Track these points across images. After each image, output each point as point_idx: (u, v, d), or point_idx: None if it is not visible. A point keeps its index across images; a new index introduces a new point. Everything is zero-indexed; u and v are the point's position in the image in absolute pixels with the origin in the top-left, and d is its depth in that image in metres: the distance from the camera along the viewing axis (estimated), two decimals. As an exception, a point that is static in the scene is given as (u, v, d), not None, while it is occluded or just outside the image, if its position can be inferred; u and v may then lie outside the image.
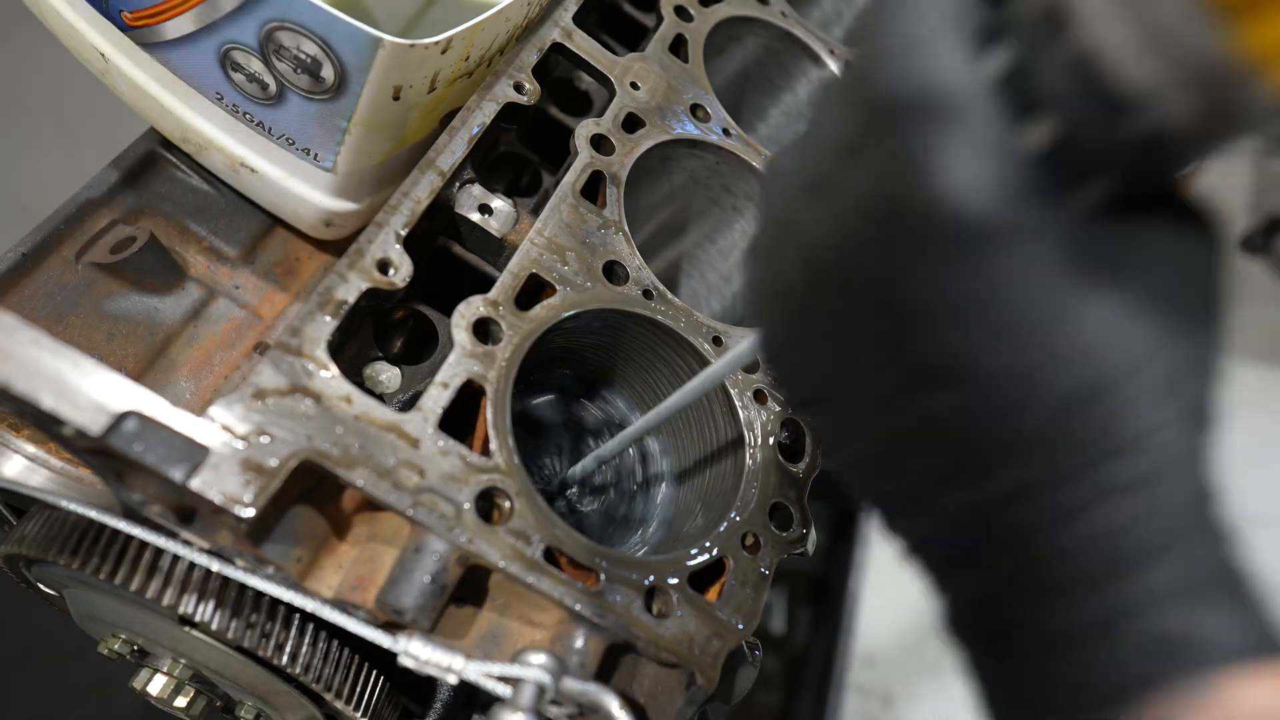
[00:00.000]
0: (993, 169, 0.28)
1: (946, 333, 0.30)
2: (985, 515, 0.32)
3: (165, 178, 0.77)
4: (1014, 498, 0.31)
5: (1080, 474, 0.30)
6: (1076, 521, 0.30)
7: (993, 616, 0.34)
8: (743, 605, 0.58)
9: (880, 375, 0.33)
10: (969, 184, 0.28)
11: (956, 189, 0.28)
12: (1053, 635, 0.31)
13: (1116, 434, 0.30)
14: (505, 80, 0.70)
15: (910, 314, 0.31)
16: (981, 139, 0.28)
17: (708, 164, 0.81)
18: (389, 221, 0.60)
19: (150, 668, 0.66)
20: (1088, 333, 0.29)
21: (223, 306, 0.74)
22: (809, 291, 0.35)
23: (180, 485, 0.46)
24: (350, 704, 0.60)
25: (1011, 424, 0.30)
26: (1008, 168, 0.28)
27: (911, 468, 0.34)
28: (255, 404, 0.49)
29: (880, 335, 0.33)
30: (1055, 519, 0.31)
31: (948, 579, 0.36)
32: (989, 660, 0.35)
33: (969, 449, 0.32)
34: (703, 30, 0.85)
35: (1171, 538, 0.30)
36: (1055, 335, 0.29)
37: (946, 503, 0.34)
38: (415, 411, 0.54)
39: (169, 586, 0.56)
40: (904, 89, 0.29)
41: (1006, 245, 0.28)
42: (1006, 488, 0.31)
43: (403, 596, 0.50)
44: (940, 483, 0.33)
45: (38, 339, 0.45)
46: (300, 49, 0.59)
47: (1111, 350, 0.29)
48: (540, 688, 0.49)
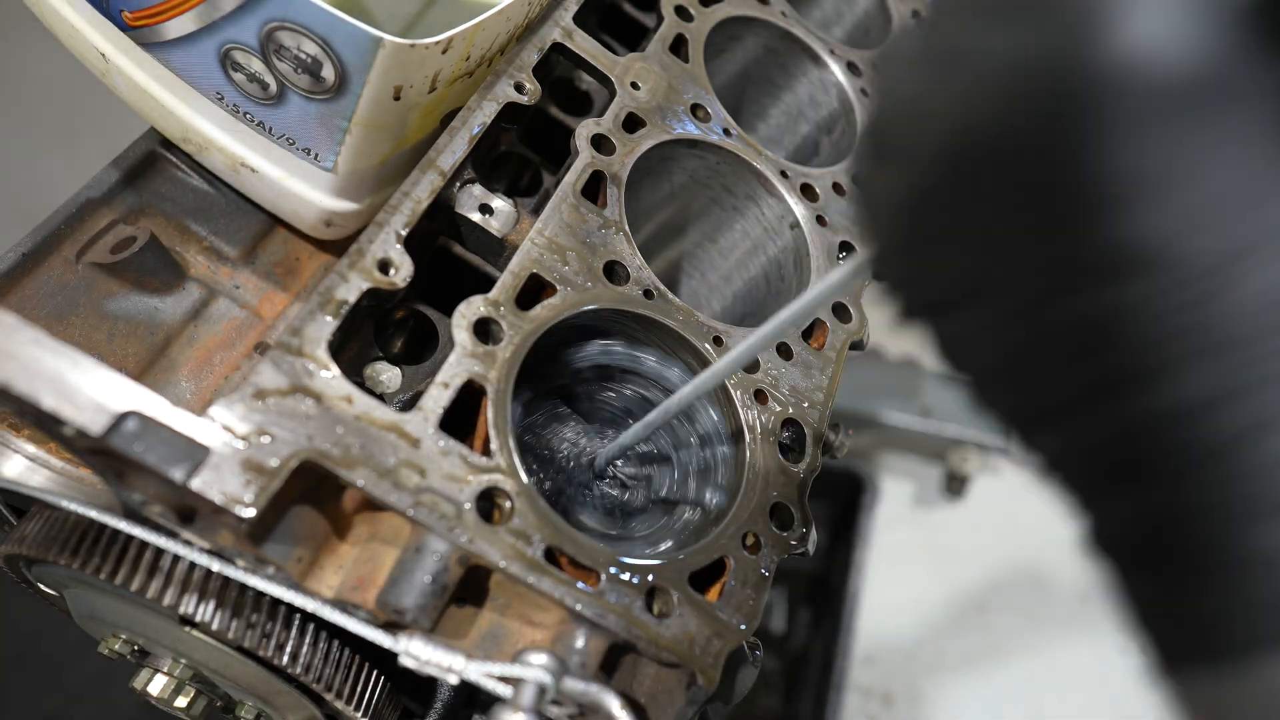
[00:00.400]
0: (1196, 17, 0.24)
1: (1138, 213, 0.26)
2: (1167, 424, 0.28)
3: (166, 178, 0.77)
4: (1205, 407, 0.27)
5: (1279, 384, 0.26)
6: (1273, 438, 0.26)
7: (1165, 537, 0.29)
8: (743, 605, 0.58)
9: (1049, 266, 0.29)
10: (1161, 34, 0.24)
11: (1145, 39, 0.24)
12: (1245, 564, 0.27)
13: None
14: (506, 80, 0.70)
15: (1090, 194, 0.26)
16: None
17: (708, 164, 0.81)
18: (389, 221, 0.60)
19: (151, 668, 0.66)
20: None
21: (223, 306, 0.74)
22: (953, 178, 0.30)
23: (181, 485, 0.46)
24: (351, 704, 0.60)
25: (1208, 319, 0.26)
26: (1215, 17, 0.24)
27: (1077, 371, 0.29)
28: (256, 404, 0.49)
29: (1047, 221, 0.28)
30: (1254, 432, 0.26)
31: (1104, 495, 0.31)
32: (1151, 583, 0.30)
33: (1154, 348, 0.27)
34: (703, 30, 0.85)
35: None
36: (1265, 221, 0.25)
37: (1115, 412, 0.29)
38: (416, 411, 0.54)
39: (169, 586, 0.56)
40: None
41: (1210, 111, 0.24)
42: (1197, 395, 0.27)
43: (403, 596, 0.50)
44: (1110, 389, 0.29)
45: (38, 339, 0.45)
46: (301, 49, 0.59)
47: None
48: (541, 688, 0.49)
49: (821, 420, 0.70)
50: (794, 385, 0.70)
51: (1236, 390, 0.26)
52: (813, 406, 0.70)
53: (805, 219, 0.80)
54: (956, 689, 1.73)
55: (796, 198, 0.81)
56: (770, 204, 0.82)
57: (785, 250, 0.83)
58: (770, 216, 0.83)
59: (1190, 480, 0.28)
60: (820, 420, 0.69)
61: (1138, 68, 0.24)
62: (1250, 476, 0.27)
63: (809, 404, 0.70)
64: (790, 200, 0.81)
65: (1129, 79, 0.24)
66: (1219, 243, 0.25)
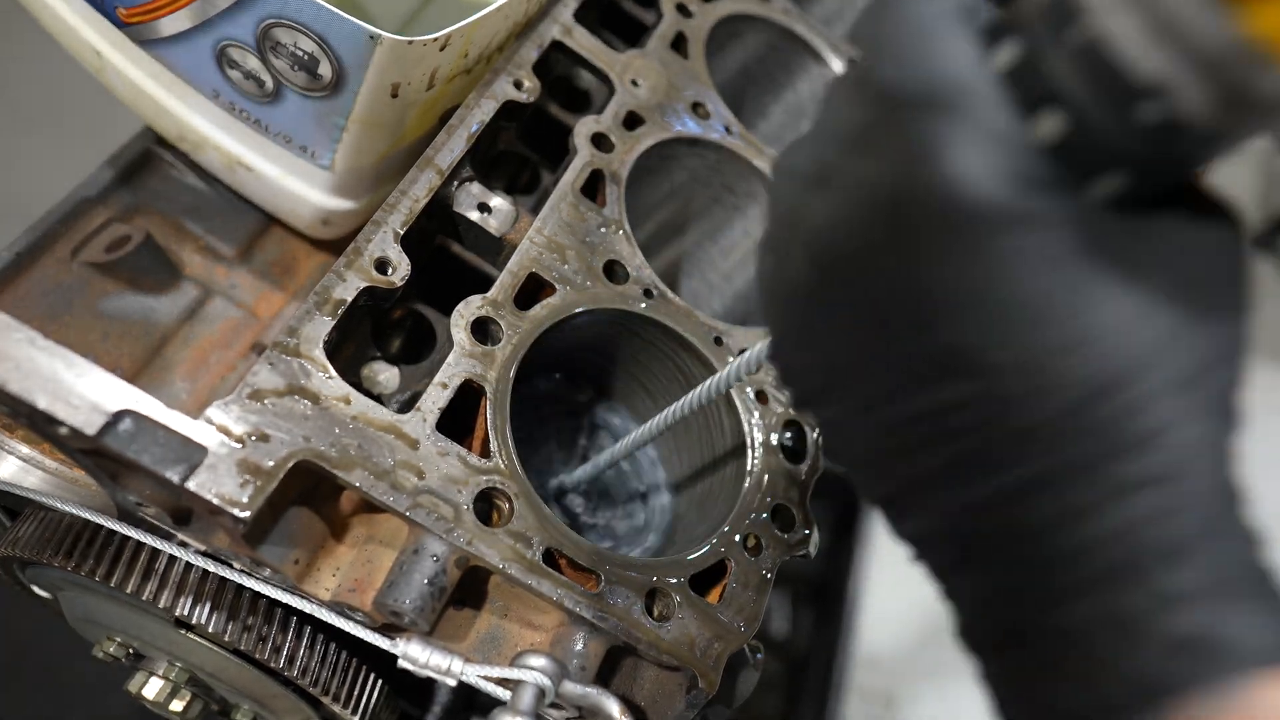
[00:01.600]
0: (1003, 157, 0.28)
1: (958, 322, 0.29)
2: (997, 512, 0.31)
3: (161, 176, 0.76)
4: (1027, 493, 0.30)
5: (1097, 469, 0.29)
6: (1093, 518, 0.29)
7: (1005, 619, 0.33)
8: (744, 607, 0.58)
9: (889, 368, 0.33)
10: (979, 171, 0.27)
11: (967, 176, 0.27)
12: (1069, 637, 0.30)
13: (1135, 428, 0.28)
14: (504, 78, 0.70)
15: (920, 304, 0.30)
16: (991, 129, 0.28)
17: (709, 162, 0.81)
18: (387, 220, 0.59)
19: (146, 671, 0.66)
20: (1104, 322, 0.28)
21: (219, 306, 0.73)
22: (817, 284, 0.34)
23: (176, 486, 0.45)
24: (348, 707, 0.59)
25: (1025, 416, 0.29)
26: (1018, 157, 0.28)
27: (920, 463, 0.33)
28: (252, 404, 0.49)
29: (889, 327, 0.32)
30: (1071, 515, 0.29)
31: (957, 580, 0.35)
32: (1001, 666, 0.34)
33: (980, 443, 0.31)
34: (704, 27, 0.85)
35: (1194, 536, 0.29)
36: (1070, 324, 0.28)
37: (956, 499, 0.32)
38: (414, 412, 0.54)
39: (165, 589, 0.55)
40: (913, 81, 0.29)
41: (1019, 231, 0.28)
42: (1019, 483, 0.30)
43: (401, 598, 0.49)
44: (950, 478, 0.32)
45: (32, 338, 0.45)
46: (297, 46, 0.58)
47: (1129, 341, 0.28)
48: (540, 690, 0.49)
49: (823, 420, 0.69)
50: (795, 385, 0.69)
51: (1047, 480, 0.30)
52: (814, 407, 0.69)
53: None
54: (958, 690, 1.72)
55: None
56: (771, 203, 0.82)
57: (786, 249, 0.82)
58: (771, 215, 0.82)
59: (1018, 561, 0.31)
60: (822, 420, 0.69)
61: (956, 196, 0.28)
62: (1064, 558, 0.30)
63: (810, 404, 0.69)
64: (791, 199, 0.80)
65: (952, 206, 0.28)
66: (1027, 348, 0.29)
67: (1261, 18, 0.23)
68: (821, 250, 0.33)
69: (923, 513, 0.35)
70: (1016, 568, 0.31)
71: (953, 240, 0.28)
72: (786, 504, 0.63)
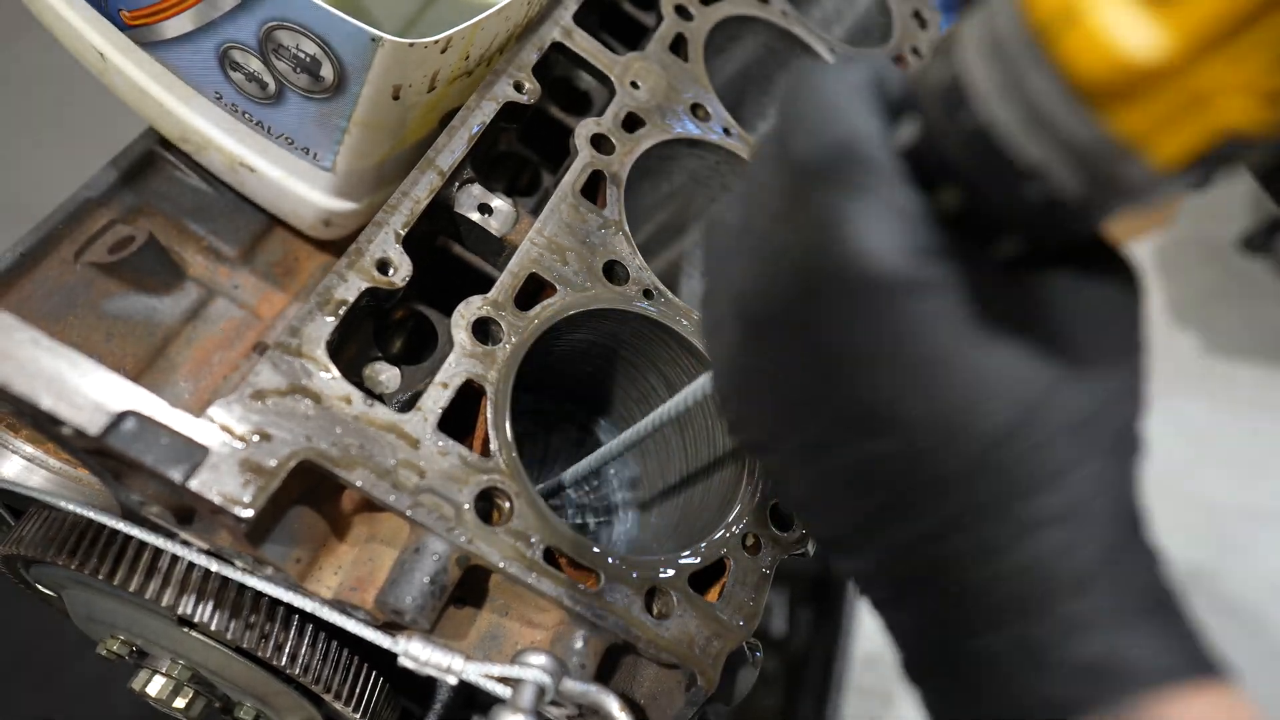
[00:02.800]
0: (901, 231, 0.30)
1: (865, 381, 0.32)
2: (920, 552, 0.34)
3: (164, 177, 0.77)
4: (941, 535, 0.33)
5: (1001, 511, 0.31)
6: (1002, 555, 0.31)
7: (934, 650, 0.35)
8: (743, 606, 0.58)
9: (811, 422, 0.35)
10: (882, 243, 0.30)
11: (870, 248, 0.30)
12: (987, 665, 0.33)
13: (1032, 472, 0.31)
14: (505, 79, 0.70)
15: (832, 363, 0.33)
16: (893, 202, 0.30)
17: (708, 163, 0.81)
18: (388, 221, 0.59)
19: (149, 668, 0.66)
20: (994, 377, 0.30)
21: (221, 306, 0.74)
22: (743, 341, 0.37)
23: (179, 485, 0.45)
24: (349, 705, 0.60)
25: (932, 466, 0.32)
26: (915, 230, 0.30)
27: (848, 509, 0.36)
28: (254, 404, 0.49)
29: (807, 384, 0.34)
30: (981, 553, 0.32)
31: (893, 615, 0.37)
32: (934, 693, 0.36)
33: (896, 490, 0.33)
34: (703, 29, 0.85)
35: (1096, 566, 0.31)
36: (968, 379, 0.30)
37: (883, 541, 0.35)
38: (415, 412, 0.54)
39: (168, 587, 0.55)
40: (822, 154, 0.31)
41: (918, 297, 0.30)
42: (934, 526, 0.33)
43: (402, 597, 0.50)
44: (875, 522, 0.35)
45: (36, 339, 0.45)
46: (299, 48, 0.59)
47: (1018, 392, 0.30)
48: (540, 688, 0.49)
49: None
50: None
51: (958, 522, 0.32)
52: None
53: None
54: (957, 689, 1.72)
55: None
56: (770, 204, 0.82)
57: (785, 250, 0.83)
58: (770, 216, 0.82)
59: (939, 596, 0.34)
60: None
61: (858, 267, 0.30)
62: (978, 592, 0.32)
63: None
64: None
65: (855, 275, 0.30)
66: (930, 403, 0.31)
67: (1122, 119, 0.25)
68: (746, 309, 0.36)
69: (859, 553, 0.37)
70: (940, 602, 0.34)
71: (859, 306, 0.31)
72: (785, 503, 0.64)
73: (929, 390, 0.31)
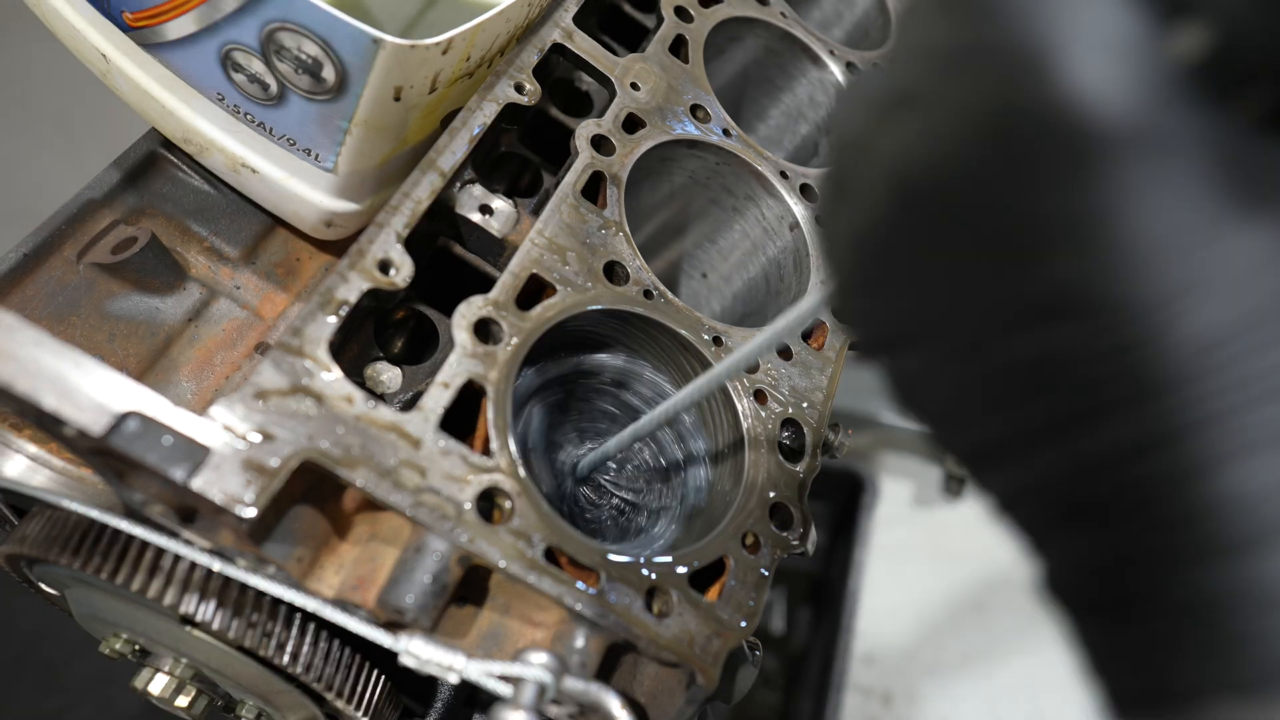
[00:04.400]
0: (1132, 70, 0.24)
1: (1076, 257, 0.26)
2: (1108, 467, 0.28)
3: (166, 178, 0.77)
4: (1144, 447, 0.27)
5: (1223, 421, 0.26)
6: (1220, 476, 0.26)
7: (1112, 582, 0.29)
8: (743, 605, 0.58)
9: (989, 309, 0.29)
10: (1103, 84, 0.24)
11: (1090, 90, 0.24)
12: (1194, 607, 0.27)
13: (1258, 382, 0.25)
14: (506, 81, 0.70)
15: (1028, 235, 0.27)
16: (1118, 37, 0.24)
17: (708, 164, 0.81)
18: (390, 222, 0.60)
19: (152, 667, 0.66)
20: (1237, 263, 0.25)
21: (224, 307, 0.74)
22: (900, 220, 0.31)
23: (182, 485, 0.46)
24: (351, 703, 0.60)
25: (1137, 364, 0.26)
26: (1150, 69, 0.24)
27: (1019, 412, 0.30)
28: (256, 404, 0.50)
29: (992, 263, 0.28)
30: (1194, 472, 0.26)
31: (1053, 538, 0.31)
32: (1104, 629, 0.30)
33: (1092, 390, 0.28)
34: (703, 31, 0.85)
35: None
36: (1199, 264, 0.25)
37: (1060, 452, 0.29)
38: (416, 411, 0.54)
39: (170, 586, 0.56)
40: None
41: (1147, 156, 0.25)
42: (1136, 435, 0.27)
43: (404, 596, 0.50)
44: (1054, 429, 0.29)
45: (39, 339, 0.45)
46: (301, 50, 0.59)
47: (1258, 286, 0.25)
48: (541, 687, 0.49)
49: (821, 420, 0.70)
50: (794, 385, 0.70)
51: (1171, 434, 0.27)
52: (812, 407, 0.70)
53: (805, 220, 0.80)
54: (956, 688, 1.73)
55: (796, 198, 0.81)
56: (770, 205, 0.82)
57: (785, 251, 0.83)
58: (770, 217, 0.83)
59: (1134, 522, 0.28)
60: (820, 420, 0.70)
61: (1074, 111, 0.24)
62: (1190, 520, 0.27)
63: (809, 404, 0.70)
64: (790, 201, 0.81)
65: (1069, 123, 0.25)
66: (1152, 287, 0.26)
67: None
68: (906, 181, 0.30)
69: (1021, 467, 0.31)
70: (1133, 529, 0.28)
71: (1073, 163, 0.25)
72: (785, 502, 0.64)
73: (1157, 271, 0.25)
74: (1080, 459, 0.29)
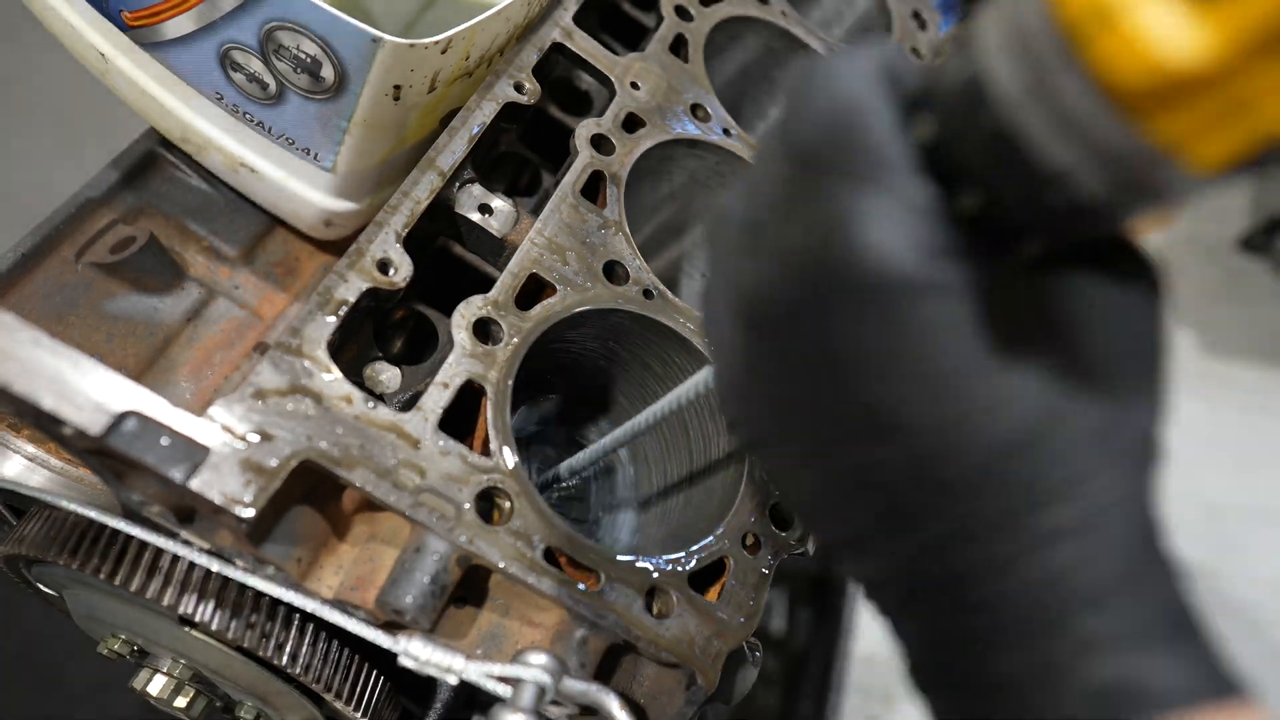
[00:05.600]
0: (914, 229, 0.28)
1: (871, 385, 0.31)
2: (925, 562, 0.33)
3: (165, 177, 0.77)
4: (948, 546, 0.31)
5: (1010, 523, 0.30)
6: (1011, 570, 0.30)
7: (941, 662, 0.34)
8: (743, 605, 0.58)
9: (813, 424, 0.34)
10: (895, 243, 0.28)
11: (882, 247, 0.28)
12: (996, 683, 0.31)
13: (1044, 484, 0.30)
14: (505, 80, 0.70)
15: (837, 366, 0.31)
16: (907, 200, 0.28)
17: (708, 164, 0.81)
18: (389, 221, 0.60)
19: (150, 668, 0.66)
20: (1007, 388, 0.29)
21: (222, 306, 0.74)
22: (745, 339, 0.35)
23: (180, 485, 0.46)
24: (350, 704, 0.60)
25: (938, 474, 0.30)
26: (930, 229, 0.28)
27: (852, 514, 0.35)
28: (255, 404, 0.49)
29: (811, 386, 0.33)
30: (990, 568, 0.31)
31: (899, 622, 0.36)
32: (944, 707, 0.35)
33: (901, 497, 0.32)
34: (703, 30, 0.85)
35: (1113, 582, 0.30)
36: (974, 390, 0.29)
37: (888, 549, 0.34)
38: (415, 412, 0.54)
39: (169, 587, 0.56)
40: (833, 147, 0.29)
41: (927, 301, 0.29)
42: (939, 536, 0.32)
43: (403, 597, 0.50)
44: (879, 528, 0.34)
45: (37, 339, 0.45)
46: (300, 49, 0.59)
47: (1032, 404, 0.29)
48: (540, 688, 0.49)
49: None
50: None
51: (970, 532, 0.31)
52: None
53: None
54: (956, 689, 1.72)
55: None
56: (770, 204, 0.82)
57: (785, 250, 0.83)
58: (770, 216, 0.83)
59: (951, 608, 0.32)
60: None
61: (868, 266, 0.28)
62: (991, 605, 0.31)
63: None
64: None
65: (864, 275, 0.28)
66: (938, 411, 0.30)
67: (1159, 125, 0.24)
68: (749, 310, 0.34)
69: (863, 559, 0.36)
70: (949, 615, 0.33)
71: (868, 308, 0.29)
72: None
73: (938, 398, 0.29)
74: (905, 554, 0.33)
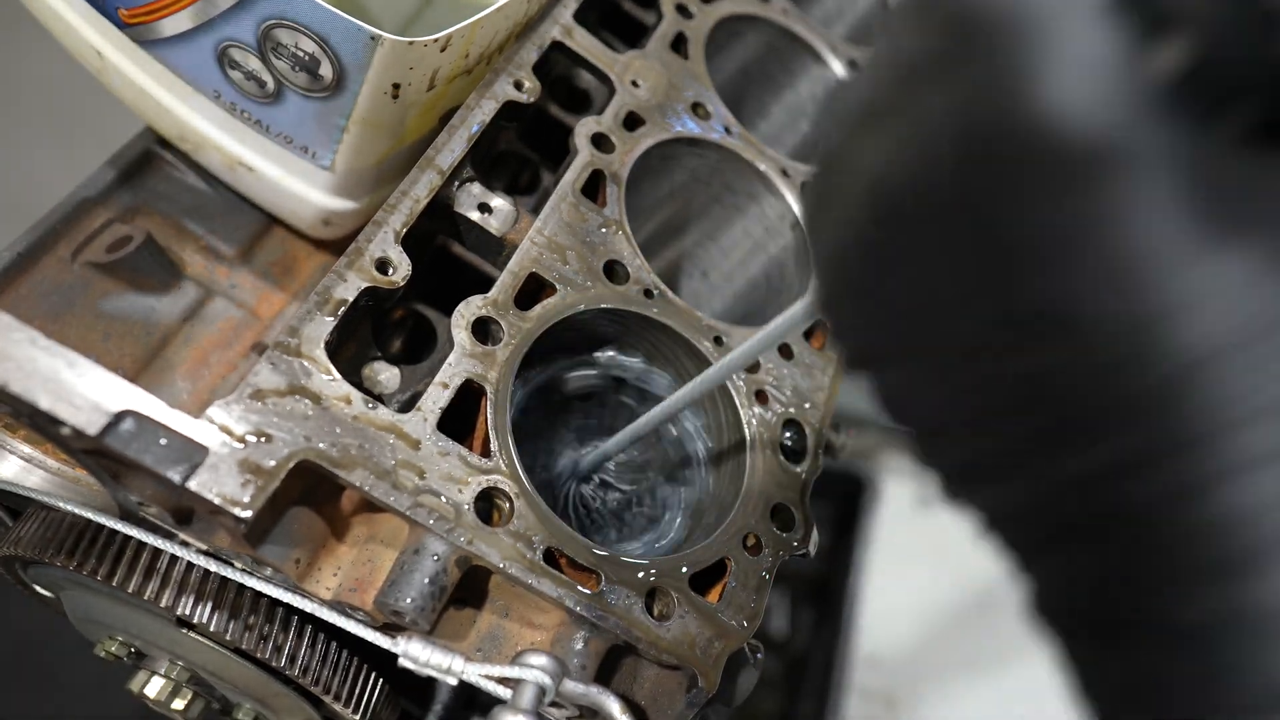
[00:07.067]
0: (1109, 88, 0.24)
1: (1050, 274, 0.26)
2: (1093, 487, 0.28)
3: (162, 176, 0.76)
4: (1129, 468, 0.27)
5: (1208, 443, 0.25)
6: (1206, 498, 0.26)
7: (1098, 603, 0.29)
8: (744, 607, 0.58)
9: (971, 325, 0.29)
10: (1080, 102, 0.24)
11: (1067, 107, 0.24)
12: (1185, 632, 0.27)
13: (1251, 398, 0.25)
14: (505, 78, 0.70)
15: (1006, 252, 0.27)
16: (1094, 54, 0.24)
17: (709, 162, 0.81)
18: (388, 220, 0.59)
19: (148, 670, 0.66)
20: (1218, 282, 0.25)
21: (220, 306, 0.74)
22: (880, 233, 0.30)
23: (178, 486, 0.45)
24: (348, 706, 0.59)
25: (1125, 382, 0.26)
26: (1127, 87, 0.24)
27: (1002, 431, 0.29)
28: (253, 404, 0.49)
29: (969, 277, 0.28)
30: (1179, 494, 0.26)
31: (1039, 558, 0.31)
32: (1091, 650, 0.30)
33: (1075, 410, 0.27)
34: (704, 27, 0.85)
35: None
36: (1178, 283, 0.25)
37: (1044, 471, 0.29)
38: (415, 412, 0.54)
39: (166, 588, 0.55)
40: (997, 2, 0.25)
41: (1125, 174, 0.24)
42: (1120, 456, 0.27)
43: (402, 598, 0.50)
44: (1038, 449, 0.29)
45: (34, 339, 0.45)
46: (298, 46, 0.58)
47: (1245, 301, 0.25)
48: (540, 689, 0.49)
49: (823, 421, 0.69)
50: (796, 386, 0.69)
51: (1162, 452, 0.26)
52: (814, 407, 0.69)
53: (806, 218, 0.80)
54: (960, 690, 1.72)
55: (798, 196, 0.80)
56: (771, 203, 0.82)
57: (786, 249, 0.82)
58: (771, 215, 0.82)
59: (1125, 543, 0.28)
60: (822, 421, 0.69)
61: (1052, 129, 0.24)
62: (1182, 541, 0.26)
63: (810, 405, 0.69)
64: (791, 199, 0.80)
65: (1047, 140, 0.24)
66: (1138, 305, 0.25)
67: None
68: (885, 195, 0.29)
69: (1006, 485, 0.31)
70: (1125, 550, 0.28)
71: (1046, 181, 0.25)
72: (786, 503, 0.64)
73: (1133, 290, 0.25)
74: (1070, 478, 0.28)
